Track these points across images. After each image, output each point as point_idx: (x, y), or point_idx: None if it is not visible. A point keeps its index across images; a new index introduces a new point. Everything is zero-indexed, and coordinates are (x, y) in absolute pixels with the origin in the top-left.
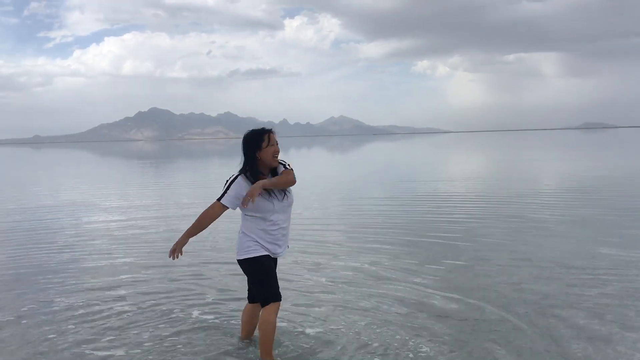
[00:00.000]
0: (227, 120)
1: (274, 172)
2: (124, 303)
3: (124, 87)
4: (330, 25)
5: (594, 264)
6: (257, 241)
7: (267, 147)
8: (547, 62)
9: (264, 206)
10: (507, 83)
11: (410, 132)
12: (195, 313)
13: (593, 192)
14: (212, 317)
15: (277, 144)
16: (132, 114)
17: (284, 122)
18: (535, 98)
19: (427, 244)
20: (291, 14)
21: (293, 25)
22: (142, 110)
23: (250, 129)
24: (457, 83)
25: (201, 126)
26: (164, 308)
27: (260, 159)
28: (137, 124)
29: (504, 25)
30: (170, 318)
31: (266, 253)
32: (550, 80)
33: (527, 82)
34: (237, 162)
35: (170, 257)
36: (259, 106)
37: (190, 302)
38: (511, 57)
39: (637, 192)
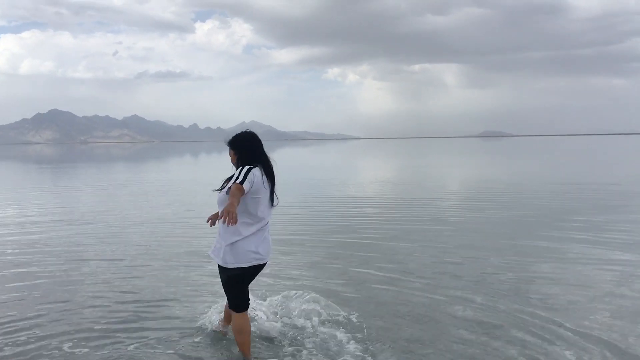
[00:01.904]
0: (134, 123)
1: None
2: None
3: (22, 87)
4: (242, 30)
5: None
6: None
7: None
8: (449, 73)
9: None
10: (413, 92)
11: (321, 138)
12: (66, 346)
13: (501, 196)
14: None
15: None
16: (30, 116)
17: (194, 127)
18: (439, 107)
19: (342, 246)
20: (202, 18)
21: (204, 29)
22: (41, 112)
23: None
24: (367, 91)
25: (106, 129)
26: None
27: None
28: (35, 126)
29: (410, 36)
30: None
31: None
32: (453, 90)
33: (431, 91)
34: (149, 167)
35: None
36: (169, 110)
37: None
38: (416, 67)
39: (539, 195)
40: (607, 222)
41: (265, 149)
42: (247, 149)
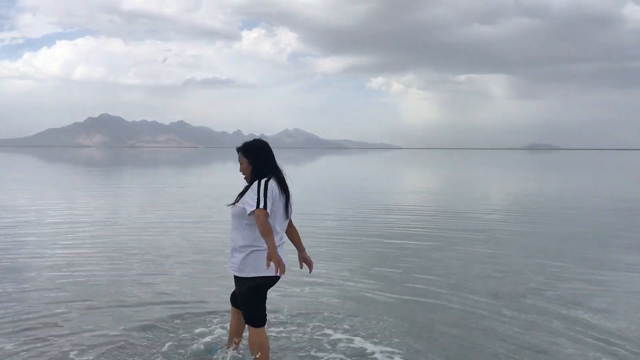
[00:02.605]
0: (180, 128)
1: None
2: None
3: (75, 92)
4: (288, 38)
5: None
6: None
7: None
8: (496, 84)
9: None
10: (458, 102)
11: (363, 147)
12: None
13: (550, 210)
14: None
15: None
16: (81, 120)
17: (238, 133)
18: (484, 118)
19: (376, 249)
20: (249, 26)
21: (251, 37)
22: (93, 116)
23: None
24: (411, 100)
25: (153, 134)
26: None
27: None
28: (86, 129)
29: (456, 46)
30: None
31: None
32: (499, 101)
33: (477, 102)
34: (196, 171)
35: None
36: (214, 116)
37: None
38: (462, 77)
39: (590, 210)
40: None
41: (308, 156)
42: (262, 157)
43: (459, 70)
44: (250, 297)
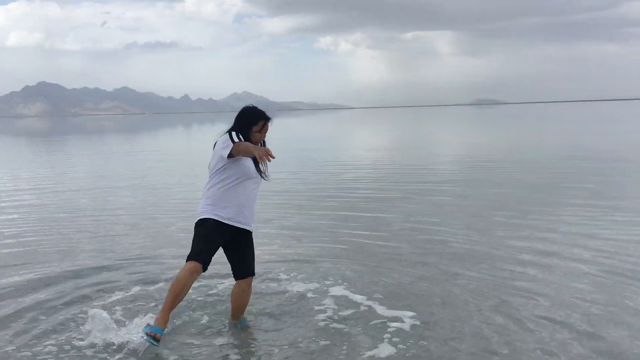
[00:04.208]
0: (124, 95)
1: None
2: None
3: (10, 59)
4: None
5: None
6: (212, 204)
7: (257, 132)
8: (442, 41)
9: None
10: (405, 60)
11: (314, 108)
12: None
13: (500, 165)
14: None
15: (265, 133)
16: (18, 89)
17: (186, 98)
18: (432, 75)
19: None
20: None
21: None
22: (30, 85)
23: (253, 106)
24: (359, 59)
25: (96, 101)
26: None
27: (248, 137)
28: (24, 99)
29: (403, 3)
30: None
31: (214, 217)
32: (446, 58)
33: (424, 59)
34: (142, 139)
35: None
36: (159, 81)
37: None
38: (409, 35)
39: (533, 166)
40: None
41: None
42: None
43: (406, 28)
44: None
